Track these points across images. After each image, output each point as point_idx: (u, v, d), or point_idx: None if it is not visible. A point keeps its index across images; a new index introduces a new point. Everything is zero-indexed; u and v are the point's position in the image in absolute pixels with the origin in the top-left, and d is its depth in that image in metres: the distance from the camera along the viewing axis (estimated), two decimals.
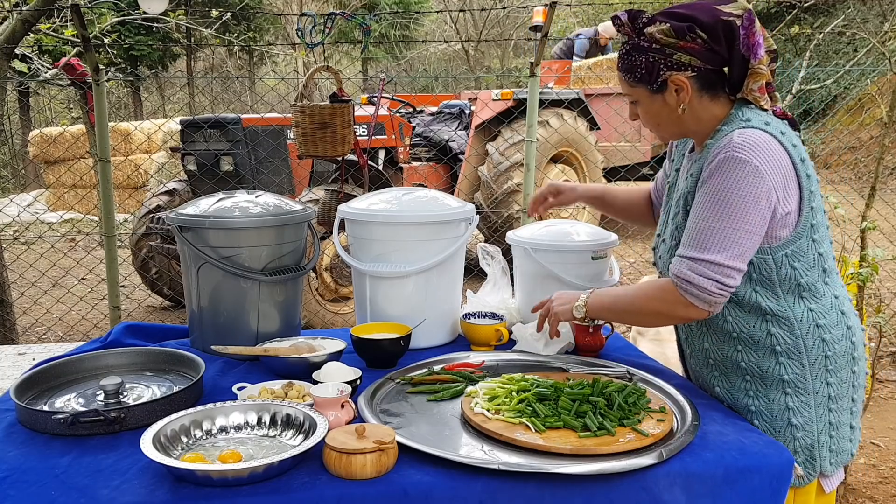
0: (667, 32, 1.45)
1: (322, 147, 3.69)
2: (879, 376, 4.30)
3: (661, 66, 1.47)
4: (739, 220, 1.41)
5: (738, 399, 1.57)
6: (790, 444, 1.51)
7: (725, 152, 1.42)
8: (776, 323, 1.50)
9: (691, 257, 1.45)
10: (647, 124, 1.60)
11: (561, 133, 6.71)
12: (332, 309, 5.07)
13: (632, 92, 1.56)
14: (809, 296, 1.50)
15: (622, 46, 1.53)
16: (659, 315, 1.54)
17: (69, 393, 1.58)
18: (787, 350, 1.50)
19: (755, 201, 1.41)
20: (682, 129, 1.57)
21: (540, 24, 7.61)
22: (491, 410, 1.43)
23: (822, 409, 1.52)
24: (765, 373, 1.52)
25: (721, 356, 1.58)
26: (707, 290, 1.44)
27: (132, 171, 10.50)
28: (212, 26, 8.59)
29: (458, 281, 2.07)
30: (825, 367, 1.51)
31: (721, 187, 1.42)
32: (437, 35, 19.83)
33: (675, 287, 1.47)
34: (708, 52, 1.46)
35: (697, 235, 1.45)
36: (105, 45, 6.86)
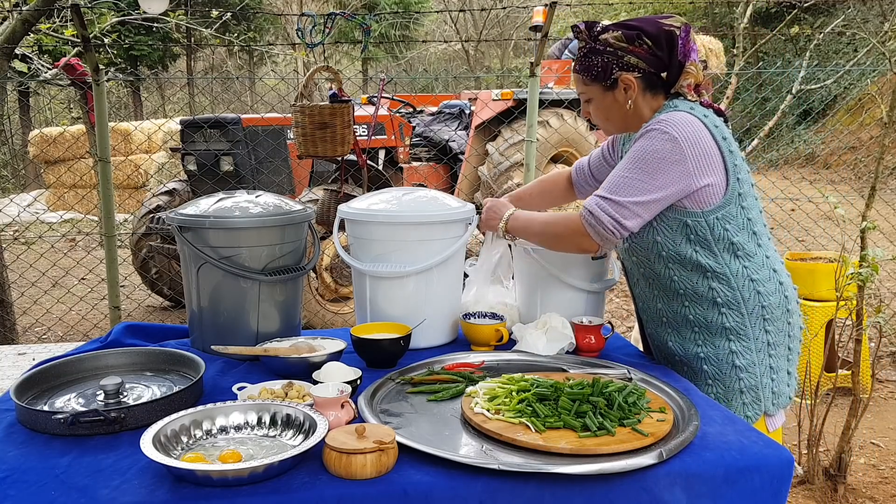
0: (619, 38, 1.70)
1: (322, 147, 3.70)
2: (879, 376, 4.30)
3: (614, 66, 1.71)
4: (648, 174, 1.64)
5: (689, 349, 1.78)
6: (736, 384, 1.74)
7: (650, 126, 1.67)
8: (715, 278, 1.72)
9: (600, 195, 1.69)
10: (597, 119, 1.82)
11: (561, 133, 6.72)
12: (332, 309, 5.07)
13: (586, 90, 1.78)
14: (743, 254, 1.71)
15: (580, 50, 1.76)
16: (560, 239, 1.78)
17: (69, 393, 1.58)
18: (726, 301, 1.72)
19: (667, 164, 1.63)
20: (626, 123, 1.79)
21: (540, 24, 7.61)
22: (491, 410, 1.43)
23: (762, 354, 1.75)
24: (710, 323, 1.74)
25: (672, 313, 1.80)
26: (605, 224, 1.66)
27: (132, 171, 10.50)
28: (212, 26, 8.58)
29: (458, 281, 2.07)
30: (762, 317, 1.73)
31: (640, 148, 1.66)
32: (437, 35, 19.84)
33: (580, 217, 1.70)
34: (652, 56, 1.69)
35: (612, 181, 1.69)
36: (105, 45, 6.86)
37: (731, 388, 1.75)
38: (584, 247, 1.74)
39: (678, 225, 1.71)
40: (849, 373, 3.44)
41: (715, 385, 1.77)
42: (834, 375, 3.79)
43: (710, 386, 1.78)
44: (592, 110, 1.82)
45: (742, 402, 1.76)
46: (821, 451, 3.20)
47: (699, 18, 16.19)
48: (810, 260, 3.99)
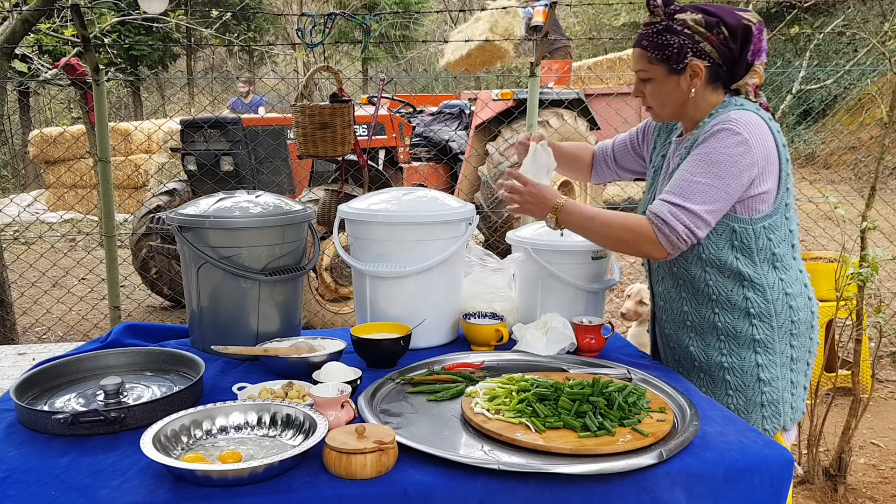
0: (699, 22, 1.62)
1: (322, 147, 3.70)
2: (879, 376, 4.30)
3: (688, 50, 1.63)
4: (722, 180, 1.58)
5: (712, 357, 1.74)
6: (758, 398, 1.71)
7: (722, 125, 1.59)
8: (752, 288, 1.68)
9: (673, 202, 1.60)
10: (652, 101, 1.73)
11: (561, 133, 6.71)
12: (332, 309, 5.06)
13: (649, 69, 1.68)
14: (781, 266, 1.69)
15: (652, 26, 1.66)
16: (624, 244, 1.68)
17: (69, 393, 1.58)
18: (759, 313, 1.69)
19: (739, 169, 1.58)
20: (681, 111, 1.72)
21: (540, 24, 7.61)
22: (491, 410, 1.43)
23: (785, 369, 1.72)
24: (738, 333, 1.71)
25: (699, 318, 1.75)
26: (678, 233, 1.59)
27: (132, 171, 10.50)
28: (212, 26, 8.58)
29: (458, 281, 2.07)
30: (790, 331, 1.71)
31: (712, 150, 1.59)
32: (437, 35, 19.83)
33: (650, 224, 1.62)
34: (725, 48, 1.63)
35: (683, 186, 1.60)
36: (105, 45, 6.85)
37: (752, 400, 1.72)
38: (652, 254, 1.66)
39: (725, 229, 1.67)
40: (849, 373, 3.44)
41: (736, 396, 1.74)
42: (834, 375, 3.79)
43: (731, 397, 1.74)
44: (649, 91, 1.72)
45: (762, 416, 1.73)
46: (821, 451, 3.19)
47: None
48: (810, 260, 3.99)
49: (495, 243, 6.47)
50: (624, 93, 8.07)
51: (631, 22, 17.65)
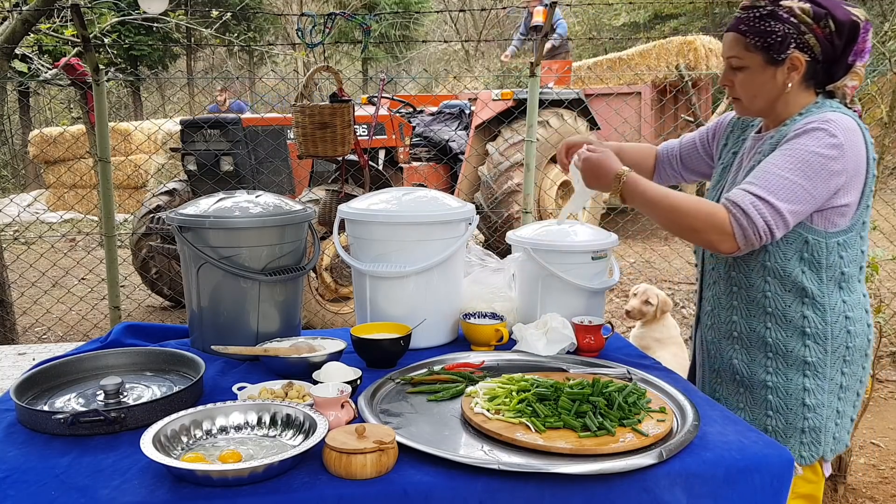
0: (806, 12, 1.50)
1: (322, 147, 3.70)
2: (879, 376, 4.30)
3: (791, 40, 1.51)
4: (811, 181, 1.47)
5: (756, 374, 1.63)
6: (799, 423, 1.60)
7: (817, 123, 1.48)
8: (812, 307, 1.58)
9: (756, 194, 1.47)
10: (742, 92, 1.61)
11: (561, 133, 6.71)
12: (332, 309, 5.06)
13: (744, 56, 1.56)
14: (847, 287, 1.59)
15: (753, 10, 1.54)
16: (692, 231, 1.54)
17: (69, 393, 1.58)
18: (815, 334, 1.58)
19: (829, 173, 1.47)
20: (770, 106, 1.60)
21: (540, 24, 7.61)
22: (491, 410, 1.43)
23: (832, 396, 1.60)
24: (789, 352, 1.59)
25: (748, 330, 1.64)
26: (757, 227, 1.47)
27: (132, 171, 10.50)
28: (212, 26, 8.59)
29: (459, 281, 2.07)
30: (844, 357, 1.60)
31: (804, 147, 1.47)
32: (437, 35, 19.83)
33: (726, 213, 1.49)
34: (828, 43, 1.51)
35: (768, 179, 1.48)
36: (105, 45, 6.85)
37: (792, 424, 1.62)
38: (722, 247, 1.53)
39: (797, 239, 1.56)
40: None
41: (776, 417, 1.64)
42: None
43: (770, 417, 1.65)
44: (740, 81, 1.59)
45: (800, 442, 1.62)
46: None
47: (699, 18, 16.19)
48: None
49: (495, 243, 6.47)
50: (624, 93, 8.07)
51: (631, 22, 17.65)
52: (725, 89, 1.64)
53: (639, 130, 8.24)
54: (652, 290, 3.28)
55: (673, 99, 8.20)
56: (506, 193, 6.48)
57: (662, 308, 3.26)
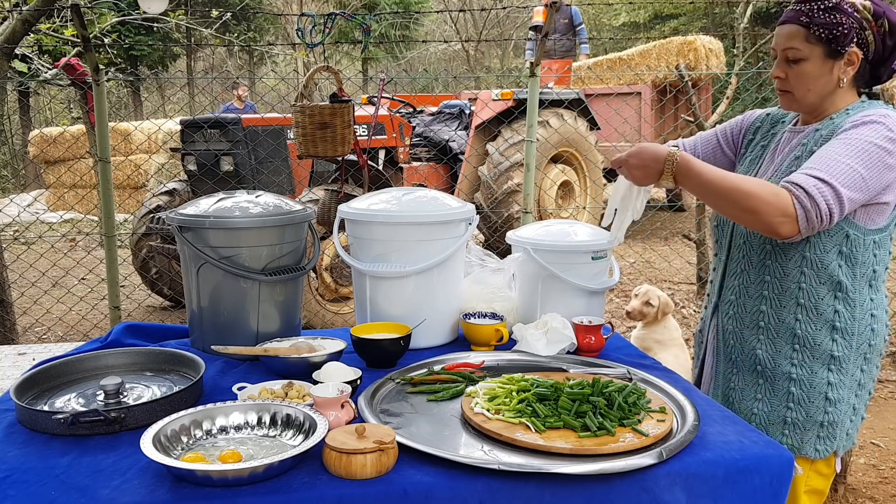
0: (868, 9, 1.53)
1: (322, 147, 3.70)
2: (880, 376, 4.30)
3: (854, 35, 1.52)
4: (869, 170, 1.47)
5: (780, 365, 1.63)
6: (819, 416, 1.61)
7: (876, 117, 1.50)
8: (844, 301, 1.59)
9: (819, 177, 1.46)
10: (796, 84, 1.59)
11: (561, 133, 6.71)
12: (332, 309, 5.07)
13: (805, 48, 1.56)
14: (876, 286, 1.61)
15: (816, 3, 1.54)
16: (751, 213, 1.48)
17: (69, 393, 1.58)
18: (843, 328, 1.59)
19: (884, 166, 1.48)
20: (820, 101, 1.61)
21: (540, 24, 7.62)
22: (491, 410, 1.43)
23: (851, 392, 1.63)
24: (817, 345, 1.60)
25: (776, 321, 1.64)
26: (820, 209, 1.45)
27: (132, 171, 10.50)
28: (212, 26, 8.59)
29: (458, 281, 2.07)
30: (864, 355, 1.62)
31: (865, 138, 1.48)
32: (437, 35, 19.83)
33: (788, 193, 1.46)
34: (882, 43, 1.54)
35: (829, 164, 1.47)
36: (105, 45, 6.85)
37: (812, 418, 1.63)
38: (783, 231, 1.49)
39: (838, 232, 1.57)
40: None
41: (796, 410, 1.65)
42: None
43: (791, 409, 1.65)
44: (796, 73, 1.58)
45: (817, 435, 1.64)
46: None
47: (699, 18, 16.19)
48: None
49: (495, 243, 6.47)
50: (624, 93, 8.08)
51: (631, 22, 17.66)
52: (776, 81, 1.63)
53: (639, 130, 8.24)
54: (653, 291, 3.28)
55: (673, 99, 8.20)
56: (506, 193, 6.48)
57: (664, 309, 3.26)
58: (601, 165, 7.38)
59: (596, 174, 7.33)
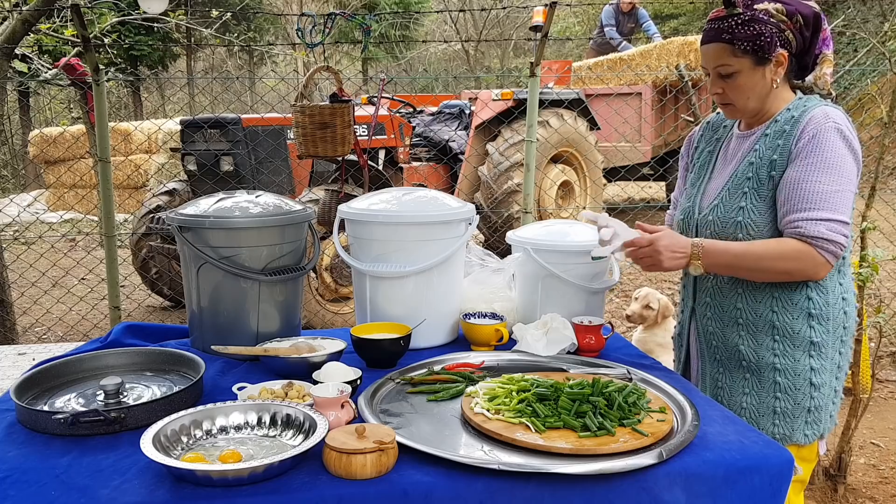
0: (780, 10, 1.62)
1: (322, 147, 3.70)
2: (879, 376, 4.30)
3: (776, 39, 1.62)
4: (850, 182, 1.59)
5: (764, 357, 1.70)
6: (806, 402, 1.68)
7: (827, 122, 1.59)
8: (815, 289, 1.66)
9: (825, 218, 1.57)
10: (736, 96, 1.68)
11: (561, 133, 6.71)
12: (332, 309, 5.07)
13: (734, 62, 1.64)
14: (843, 271, 1.69)
15: (733, 18, 1.63)
16: (786, 273, 1.62)
17: (69, 393, 1.58)
18: (819, 315, 1.66)
19: (853, 169, 1.60)
20: (762, 105, 1.69)
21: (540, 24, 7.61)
22: (491, 410, 1.43)
23: (832, 375, 1.70)
24: (796, 333, 1.67)
25: (753, 315, 1.70)
26: (842, 245, 1.58)
27: (132, 171, 10.50)
28: (212, 26, 8.59)
29: (458, 281, 2.07)
30: (841, 338, 1.70)
31: (832, 155, 1.58)
32: (437, 35, 19.83)
33: (812, 247, 1.58)
34: (801, 37, 1.64)
35: (822, 198, 1.57)
36: (105, 45, 6.85)
37: (800, 404, 1.69)
38: (822, 275, 1.63)
39: None
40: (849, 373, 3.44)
41: (784, 399, 1.71)
42: None
43: (779, 399, 1.71)
44: (734, 86, 1.67)
45: (805, 421, 1.70)
46: None
47: (699, 18, 16.19)
48: None
49: (495, 243, 6.47)
50: (624, 93, 8.07)
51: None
52: (715, 97, 1.72)
53: (639, 130, 8.24)
54: (653, 294, 3.27)
55: (673, 99, 8.20)
56: (506, 193, 6.48)
57: (664, 312, 3.26)
58: (601, 165, 7.38)
59: (596, 174, 7.32)
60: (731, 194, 1.73)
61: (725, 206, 1.73)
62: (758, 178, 1.69)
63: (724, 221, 1.72)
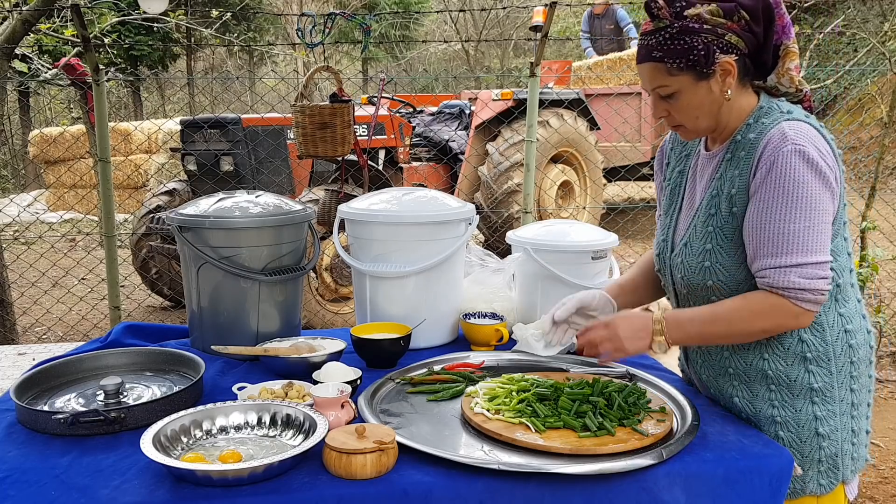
0: (715, 12, 1.37)
1: (322, 147, 3.70)
2: (879, 376, 4.30)
3: (715, 48, 1.37)
4: (821, 213, 1.36)
5: (762, 409, 1.49)
6: (815, 454, 1.46)
7: (785, 146, 1.36)
8: (808, 329, 1.44)
9: (797, 264, 1.35)
10: (683, 117, 1.47)
11: (561, 133, 6.71)
12: (332, 309, 5.07)
13: (672, 82, 1.42)
14: (841, 299, 1.46)
15: (660, 32, 1.40)
16: (766, 333, 1.42)
17: (69, 393, 1.58)
18: (816, 357, 1.45)
19: (827, 191, 1.37)
20: (717, 120, 1.47)
21: (540, 24, 7.61)
22: (491, 410, 1.43)
23: (845, 417, 1.48)
24: (793, 382, 1.46)
25: (744, 365, 1.50)
26: (821, 290, 1.36)
27: (132, 171, 10.50)
28: (212, 26, 8.58)
29: (459, 281, 2.07)
30: (850, 374, 1.47)
31: (794, 185, 1.35)
32: (437, 35, 19.83)
33: (785, 299, 1.37)
34: (749, 34, 1.39)
35: (791, 239, 1.36)
36: (105, 45, 6.85)
37: (808, 457, 1.46)
38: (803, 324, 1.41)
39: None
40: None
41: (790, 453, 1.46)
42: None
43: None
44: (678, 107, 1.45)
45: (817, 471, 1.47)
46: None
47: None
48: None
49: (495, 243, 6.47)
50: (624, 93, 8.07)
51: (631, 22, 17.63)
52: (663, 120, 1.51)
53: (639, 130, 8.23)
54: None
55: None
56: (506, 193, 6.48)
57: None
58: (601, 165, 7.38)
59: (596, 174, 7.32)
60: (697, 233, 1.51)
61: (692, 248, 1.52)
62: (721, 215, 1.47)
63: (691, 266, 1.52)
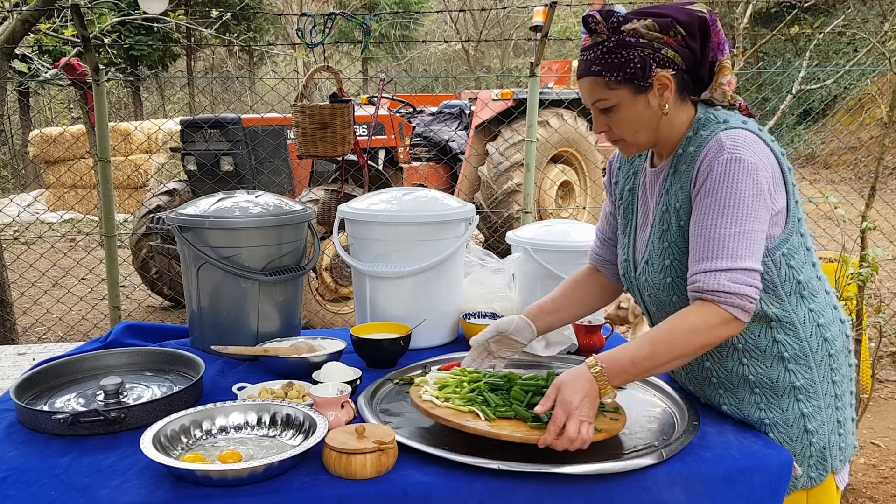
0: (651, 27, 1.39)
1: (322, 147, 3.70)
2: (879, 376, 4.30)
3: (651, 61, 1.39)
4: (754, 220, 1.36)
5: (750, 414, 1.49)
6: (806, 451, 1.47)
7: (721, 155, 1.37)
8: (781, 329, 1.45)
9: (726, 268, 1.34)
10: (623, 132, 1.48)
11: (561, 133, 6.71)
12: (332, 309, 5.07)
13: (610, 95, 1.43)
14: (808, 294, 1.46)
15: (598, 47, 1.41)
16: (703, 346, 1.38)
17: (69, 393, 1.58)
18: (794, 356, 1.46)
19: (761, 199, 1.37)
20: (657, 134, 1.48)
21: (540, 24, 7.60)
22: (440, 399, 1.41)
23: (830, 410, 1.49)
24: (775, 382, 1.46)
25: (725, 372, 1.51)
26: (749, 297, 1.34)
27: (132, 171, 10.50)
28: (212, 26, 8.58)
29: (458, 281, 2.07)
30: (830, 367, 1.48)
31: (729, 192, 1.36)
32: (437, 35, 19.84)
33: (714, 304, 1.35)
34: (686, 49, 1.41)
35: (721, 244, 1.36)
36: (105, 45, 6.85)
37: (800, 454, 1.47)
38: (733, 333, 1.38)
39: None
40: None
41: None
42: None
43: None
44: (617, 121, 1.46)
45: (808, 466, 1.48)
46: None
47: None
48: None
49: (495, 243, 6.47)
50: None
51: None
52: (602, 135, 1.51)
53: None
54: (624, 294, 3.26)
55: None
56: (506, 193, 6.48)
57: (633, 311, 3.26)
58: (601, 165, 7.38)
59: (596, 174, 7.33)
60: (655, 250, 1.52)
61: (653, 265, 1.52)
62: (672, 231, 1.48)
63: (655, 283, 1.53)
